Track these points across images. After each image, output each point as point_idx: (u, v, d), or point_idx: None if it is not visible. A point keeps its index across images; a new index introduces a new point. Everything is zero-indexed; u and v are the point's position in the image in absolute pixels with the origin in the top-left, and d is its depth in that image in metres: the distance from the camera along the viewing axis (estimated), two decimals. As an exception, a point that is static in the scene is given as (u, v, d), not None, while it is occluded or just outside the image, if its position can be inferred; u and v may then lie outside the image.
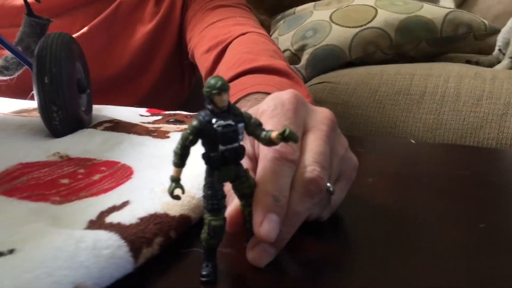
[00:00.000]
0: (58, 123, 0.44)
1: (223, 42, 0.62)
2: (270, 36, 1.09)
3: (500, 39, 1.08)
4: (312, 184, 0.26)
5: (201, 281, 0.25)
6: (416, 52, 1.00)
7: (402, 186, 0.40)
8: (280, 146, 0.27)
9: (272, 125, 0.28)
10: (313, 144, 0.28)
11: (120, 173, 0.35)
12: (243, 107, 0.43)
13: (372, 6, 1.01)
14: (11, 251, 0.22)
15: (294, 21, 1.08)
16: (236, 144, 0.26)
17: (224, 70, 0.54)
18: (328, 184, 0.29)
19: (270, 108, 0.30)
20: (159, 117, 0.54)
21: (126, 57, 0.75)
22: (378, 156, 0.46)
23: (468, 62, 1.05)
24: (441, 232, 0.31)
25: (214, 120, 0.25)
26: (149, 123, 0.51)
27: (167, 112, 0.56)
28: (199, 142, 0.25)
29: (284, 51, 1.01)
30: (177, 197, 0.25)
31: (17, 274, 0.20)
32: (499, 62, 1.03)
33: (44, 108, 0.43)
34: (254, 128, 0.26)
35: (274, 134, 0.25)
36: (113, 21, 0.75)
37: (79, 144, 0.41)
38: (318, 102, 0.94)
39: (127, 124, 0.48)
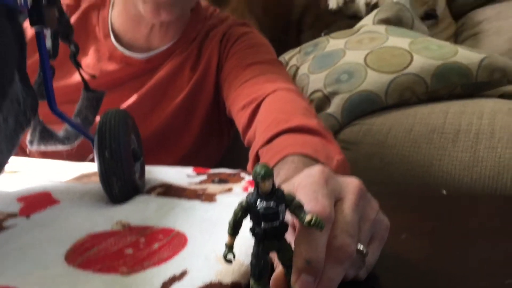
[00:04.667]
0: (117, 191, 0.49)
1: (256, 99, 0.67)
2: (298, 68, 1.14)
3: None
4: (340, 251, 0.30)
5: None
6: (450, 95, 1.02)
7: (434, 241, 0.42)
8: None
9: (307, 200, 0.32)
10: (343, 214, 0.32)
11: (176, 241, 0.39)
12: (281, 169, 0.47)
13: (407, 50, 1.03)
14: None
15: (326, 60, 1.11)
16: (277, 223, 0.30)
17: (261, 131, 0.59)
18: (360, 247, 0.33)
19: (303, 184, 0.34)
20: (204, 177, 0.59)
21: (168, 118, 0.82)
22: (410, 211, 0.49)
23: (502, 96, 1.05)
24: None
25: (258, 202, 0.30)
26: (196, 183, 0.56)
27: (211, 171, 0.61)
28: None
29: (315, 91, 1.05)
30: (229, 261, 0.30)
31: None
32: (534, 93, 1.03)
33: (105, 178, 0.49)
34: (295, 209, 0.30)
35: (307, 219, 0.29)
36: (156, 90, 0.82)
37: (138, 212, 0.46)
38: (353, 143, 0.97)
39: (177, 188, 0.53)
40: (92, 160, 0.64)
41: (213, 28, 0.88)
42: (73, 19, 0.87)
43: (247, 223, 0.30)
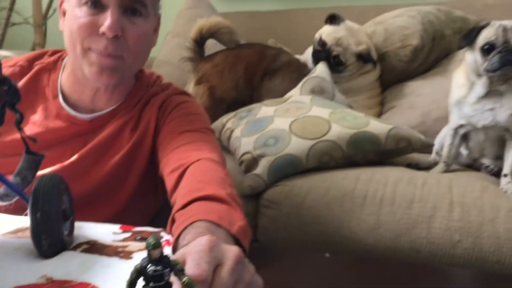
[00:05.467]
0: (46, 247, 0.57)
1: (182, 166, 0.77)
2: (232, 131, 1.26)
3: (437, 143, 1.25)
4: None
5: None
6: (364, 160, 1.16)
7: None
8: None
9: (191, 265, 0.41)
10: (220, 276, 0.42)
11: (90, 294, 0.48)
12: (188, 233, 0.57)
13: (326, 120, 1.18)
14: None
15: (256, 125, 1.23)
16: (163, 283, 0.39)
17: (180, 196, 0.68)
18: None
19: (194, 251, 0.43)
20: (128, 234, 0.67)
21: (106, 175, 0.89)
22: (294, 272, 0.59)
23: (409, 165, 1.20)
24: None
25: (149, 266, 0.39)
26: (120, 241, 0.64)
27: (136, 229, 0.69)
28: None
29: (245, 153, 1.16)
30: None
31: None
32: (436, 163, 1.19)
33: (35, 236, 0.56)
34: (177, 272, 0.40)
35: (183, 280, 0.38)
36: (98, 149, 0.90)
37: (62, 267, 0.54)
38: (276, 203, 1.08)
39: (101, 245, 0.61)
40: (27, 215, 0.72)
41: (154, 95, 0.98)
42: (25, 79, 0.94)
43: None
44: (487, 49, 0.99)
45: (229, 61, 1.54)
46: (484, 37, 1.00)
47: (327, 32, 1.51)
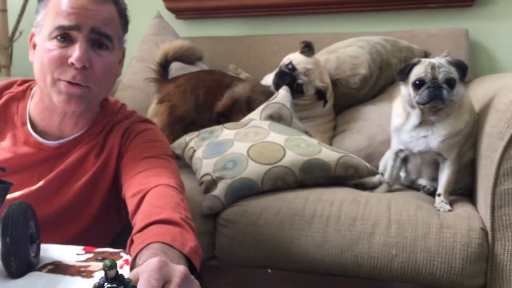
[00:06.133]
0: (14, 269, 0.63)
1: (142, 191, 0.84)
2: (194, 151, 1.33)
3: (381, 165, 1.36)
4: None
5: None
6: (315, 184, 1.26)
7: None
8: None
9: (142, 282, 0.49)
10: None
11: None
12: (143, 254, 0.64)
13: (282, 146, 1.26)
14: None
15: (217, 148, 1.30)
16: (118, 298, 0.47)
17: (139, 220, 0.75)
18: None
19: (145, 270, 0.51)
20: (91, 255, 0.74)
21: (71, 198, 0.96)
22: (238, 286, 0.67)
23: (356, 185, 1.31)
24: None
25: (105, 283, 0.47)
26: (82, 261, 0.71)
27: (98, 250, 0.76)
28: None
29: (205, 174, 1.24)
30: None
31: None
32: (380, 183, 1.30)
33: (5, 258, 0.63)
34: (130, 289, 0.47)
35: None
36: (64, 173, 0.96)
37: (29, 286, 0.60)
38: (232, 222, 1.16)
39: (65, 265, 0.68)
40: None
41: (118, 122, 1.05)
42: (-6, 107, 1.00)
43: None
44: (418, 84, 1.11)
45: (192, 83, 1.63)
46: (415, 73, 1.12)
47: (298, 60, 1.59)
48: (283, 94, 1.51)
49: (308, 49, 1.61)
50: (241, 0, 2.11)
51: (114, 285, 0.47)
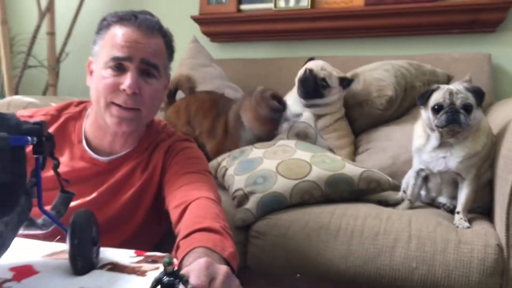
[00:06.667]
0: (80, 267, 0.74)
1: (185, 202, 0.95)
2: (227, 169, 1.44)
3: (404, 183, 1.44)
4: None
5: None
6: (340, 198, 1.34)
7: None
8: None
9: (194, 277, 0.59)
10: (214, 286, 0.60)
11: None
12: (190, 256, 0.74)
13: (308, 162, 1.36)
14: None
15: (248, 165, 1.42)
16: (175, 290, 0.57)
17: (184, 227, 0.86)
18: None
19: (195, 268, 0.61)
20: (141, 258, 0.85)
21: (119, 209, 1.07)
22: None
23: (379, 202, 1.39)
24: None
25: (164, 277, 0.57)
26: (135, 262, 0.82)
27: (147, 254, 0.87)
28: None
29: (237, 190, 1.34)
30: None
31: None
32: (403, 200, 1.37)
33: (72, 258, 0.74)
34: (184, 282, 0.57)
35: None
36: (114, 187, 1.08)
37: (94, 281, 0.71)
38: (263, 234, 1.26)
39: (121, 265, 0.78)
40: (59, 241, 0.90)
41: (162, 141, 1.17)
42: (54, 126, 1.13)
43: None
44: (437, 109, 1.19)
45: (185, 101, 1.83)
46: (434, 99, 1.21)
47: (310, 65, 1.73)
48: (307, 115, 1.62)
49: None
50: (271, 25, 2.23)
51: (172, 279, 0.57)
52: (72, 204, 1.06)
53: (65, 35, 2.35)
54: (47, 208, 0.78)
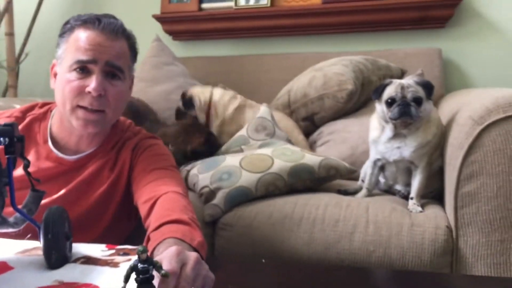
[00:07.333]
0: (54, 261, 0.77)
1: (153, 198, 0.98)
2: (188, 171, 1.48)
3: (362, 172, 1.52)
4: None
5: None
6: (303, 187, 1.41)
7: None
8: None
9: (165, 263, 0.63)
10: (185, 271, 0.64)
11: (93, 290, 0.69)
12: (161, 247, 0.78)
13: (269, 156, 1.43)
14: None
15: (211, 163, 1.47)
16: (148, 275, 0.61)
17: (153, 220, 0.90)
18: None
19: (167, 255, 0.65)
20: (113, 251, 0.88)
21: (89, 207, 1.10)
22: (234, 275, 0.82)
23: (339, 190, 1.46)
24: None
25: (139, 264, 0.61)
26: (107, 256, 0.85)
27: (119, 247, 0.90)
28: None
29: (204, 187, 1.39)
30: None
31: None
32: (361, 189, 1.45)
33: (47, 252, 0.77)
34: (157, 268, 0.62)
35: (162, 272, 0.61)
36: (82, 184, 1.10)
37: (68, 274, 0.74)
38: (230, 225, 1.31)
39: (94, 259, 0.82)
40: (30, 239, 0.92)
41: (128, 139, 1.20)
42: (20, 128, 1.14)
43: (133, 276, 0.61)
44: (390, 102, 1.27)
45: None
46: (387, 93, 1.29)
47: None
48: (263, 109, 1.69)
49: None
50: (232, 23, 2.28)
51: (146, 265, 0.61)
52: (42, 202, 1.09)
53: (24, 36, 2.32)
54: (18, 207, 0.81)
